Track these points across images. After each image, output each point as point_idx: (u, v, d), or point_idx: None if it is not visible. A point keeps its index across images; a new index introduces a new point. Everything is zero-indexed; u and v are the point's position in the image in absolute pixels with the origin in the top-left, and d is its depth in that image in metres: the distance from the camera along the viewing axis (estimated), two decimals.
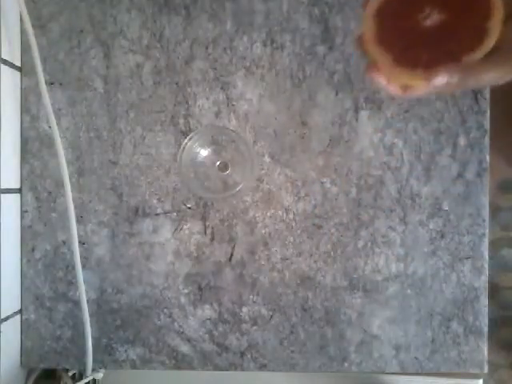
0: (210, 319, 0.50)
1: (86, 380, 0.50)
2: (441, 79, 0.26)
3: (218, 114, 0.49)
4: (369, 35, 0.28)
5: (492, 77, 0.27)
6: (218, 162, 0.47)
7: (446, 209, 0.49)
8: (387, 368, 0.50)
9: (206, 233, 0.49)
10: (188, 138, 0.44)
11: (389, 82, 0.28)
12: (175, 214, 0.49)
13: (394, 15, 0.28)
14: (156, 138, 0.49)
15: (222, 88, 0.49)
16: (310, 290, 0.49)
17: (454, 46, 0.27)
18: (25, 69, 0.49)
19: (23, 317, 0.49)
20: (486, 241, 0.50)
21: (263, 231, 0.49)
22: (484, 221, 0.50)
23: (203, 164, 0.48)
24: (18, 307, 0.49)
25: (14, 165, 0.48)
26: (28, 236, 0.49)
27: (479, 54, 0.26)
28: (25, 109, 0.49)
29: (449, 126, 0.49)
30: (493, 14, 0.26)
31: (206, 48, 0.49)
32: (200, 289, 0.50)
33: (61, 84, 0.49)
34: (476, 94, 0.49)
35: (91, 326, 0.48)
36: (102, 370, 0.51)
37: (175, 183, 0.49)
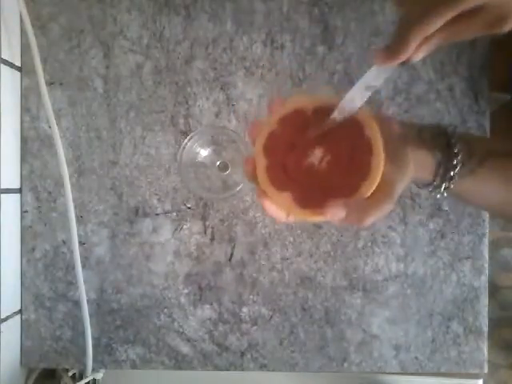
0: (210, 319, 0.50)
1: (85, 380, 0.50)
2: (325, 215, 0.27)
3: (218, 114, 0.49)
4: (259, 166, 0.28)
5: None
6: (218, 162, 0.47)
7: (446, 209, 0.49)
8: (387, 368, 0.50)
9: (205, 233, 0.49)
10: (188, 138, 0.44)
11: (276, 209, 0.29)
12: (175, 214, 0.49)
13: (280, 152, 0.28)
14: (156, 138, 0.49)
15: (221, 88, 0.49)
16: (310, 290, 0.49)
17: (338, 182, 0.28)
18: (25, 69, 0.49)
19: (23, 317, 0.49)
20: (486, 241, 0.50)
21: (263, 231, 0.49)
22: (484, 221, 0.50)
23: (203, 164, 0.48)
24: (18, 307, 0.49)
25: (14, 165, 0.48)
26: (28, 236, 0.49)
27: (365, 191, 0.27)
28: (25, 109, 0.49)
29: None
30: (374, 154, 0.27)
31: (206, 48, 0.49)
32: (200, 289, 0.49)
33: (61, 84, 0.49)
34: (476, 93, 0.49)
35: (91, 326, 0.48)
36: (102, 370, 0.51)
37: (175, 183, 0.49)
